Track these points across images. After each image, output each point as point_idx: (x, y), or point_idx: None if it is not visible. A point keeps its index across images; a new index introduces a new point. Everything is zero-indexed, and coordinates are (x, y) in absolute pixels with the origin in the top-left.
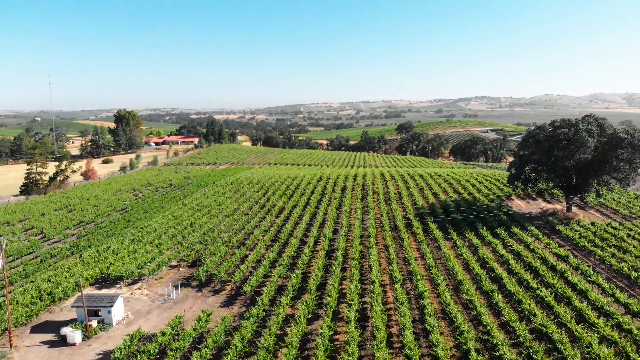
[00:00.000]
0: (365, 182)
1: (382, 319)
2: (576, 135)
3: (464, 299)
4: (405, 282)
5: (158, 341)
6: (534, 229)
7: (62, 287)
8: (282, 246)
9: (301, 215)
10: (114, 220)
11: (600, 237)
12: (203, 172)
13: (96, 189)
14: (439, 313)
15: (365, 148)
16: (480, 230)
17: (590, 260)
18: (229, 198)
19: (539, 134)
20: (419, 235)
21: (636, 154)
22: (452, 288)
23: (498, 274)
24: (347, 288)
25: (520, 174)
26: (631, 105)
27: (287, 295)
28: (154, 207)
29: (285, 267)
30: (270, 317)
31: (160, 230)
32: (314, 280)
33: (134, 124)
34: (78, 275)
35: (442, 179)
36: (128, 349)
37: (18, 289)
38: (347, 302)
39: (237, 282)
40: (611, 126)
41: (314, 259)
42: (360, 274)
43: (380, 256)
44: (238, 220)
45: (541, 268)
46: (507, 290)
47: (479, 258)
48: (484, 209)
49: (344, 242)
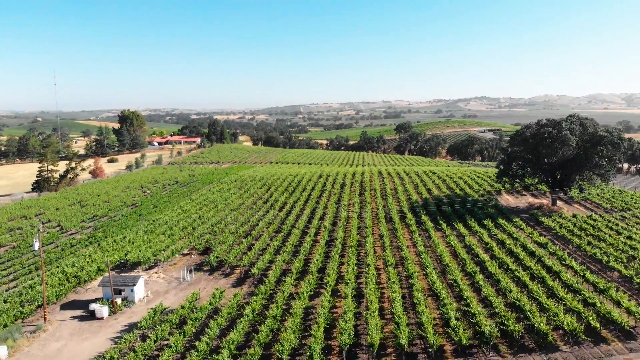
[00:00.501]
0: (363, 179)
1: (376, 294)
2: (559, 133)
3: (449, 279)
4: (398, 266)
5: (178, 313)
6: (518, 221)
7: (86, 271)
8: (285, 236)
9: (302, 209)
10: (126, 214)
11: (579, 227)
12: (207, 170)
13: (105, 186)
14: (427, 291)
15: (364, 148)
16: (469, 222)
17: (568, 247)
18: (234, 194)
19: (526, 133)
20: (412, 226)
21: (615, 151)
22: (440, 271)
23: (481, 259)
24: (345, 271)
25: (508, 170)
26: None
27: (291, 276)
28: (162, 202)
29: (289, 254)
30: (277, 294)
31: (171, 222)
32: (315, 264)
33: (138, 124)
34: (99, 261)
35: (436, 176)
36: (152, 320)
37: (46, 273)
38: (345, 282)
39: (245, 267)
40: (593, 125)
41: (315, 247)
42: (357, 259)
43: (376, 244)
44: (243, 214)
45: (521, 253)
46: (489, 272)
47: (465, 245)
48: (473, 203)
49: (343, 232)
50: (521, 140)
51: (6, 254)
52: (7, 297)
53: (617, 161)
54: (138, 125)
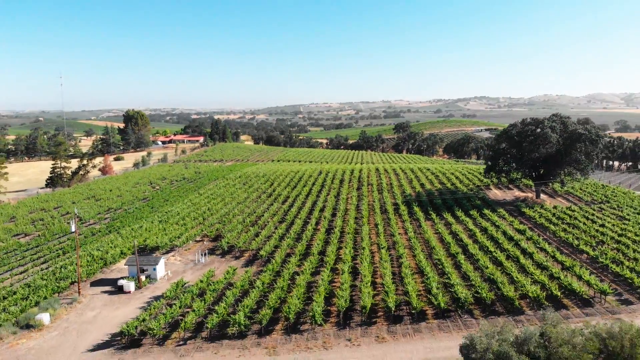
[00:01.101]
0: (361, 175)
1: (369, 271)
2: (541, 131)
3: (435, 258)
4: (390, 249)
5: (197, 286)
6: (502, 211)
7: (110, 254)
8: (288, 225)
9: (304, 202)
10: (139, 207)
11: (557, 217)
12: (212, 167)
13: (115, 182)
14: (414, 269)
15: (363, 147)
16: (457, 212)
17: (545, 234)
18: (239, 189)
19: (512, 131)
20: (404, 216)
21: (593, 147)
22: (427, 253)
23: (465, 243)
24: (342, 253)
25: (495, 166)
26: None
27: (295, 257)
28: (172, 196)
29: (292, 240)
30: (283, 272)
31: (182, 213)
32: (316, 248)
33: (142, 124)
34: (121, 246)
35: (429, 172)
36: (175, 291)
37: (74, 256)
38: (342, 262)
39: (254, 250)
40: (573, 123)
41: (316, 234)
42: (354, 244)
43: (371, 232)
44: (249, 206)
45: (501, 238)
46: (470, 253)
47: (452, 232)
48: (463, 196)
49: (341, 222)
50: (507, 137)
51: (33, 241)
52: (43, 276)
53: (594, 157)
54: (142, 124)
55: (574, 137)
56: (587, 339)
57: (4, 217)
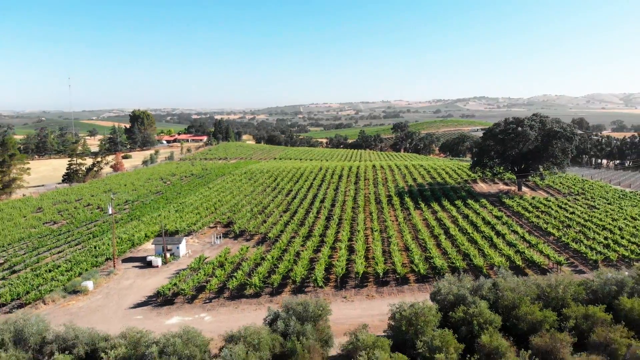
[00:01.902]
0: (358, 171)
1: (363, 247)
2: (521, 129)
3: (420, 238)
4: (382, 232)
5: (217, 259)
6: (485, 201)
7: (136, 237)
8: (292, 214)
9: (306, 195)
10: (154, 199)
11: (533, 206)
12: (217, 165)
13: (128, 177)
14: (402, 247)
15: (362, 146)
16: (443, 202)
17: (520, 220)
18: (245, 183)
19: (495, 129)
20: (396, 205)
21: (569, 144)
22: (413, 235)
23: (447, 226)
24: (340, 235)
25: (480, 161)
26: (628, 105)
27: (299, 239)
28: (184, 190)
29: (296, 225)
30: (289, 249)
31: (195, 204)
32: (317, 231)
33: (148, 123)
34: (144, 230)
35: (422, 169)
36: (198, 264)
37: (104, 239)
38: (340, 241)
39: (262, 234)
40: (551, 122)
41: (317, 221)
42: (350, 228)
43: (366, 219)
44: (255, 198)
45: (479, 222)
46: (450, 234)
47: (437, 218)
48: (451, 189)
49: (339, 210)
50: (491, 135)
51: (63, 227)
52: (80, 254)
53: (569, 153)
54: (148, 124)
55: (551, 134)
56: (528, 287)
57: (31, 207)
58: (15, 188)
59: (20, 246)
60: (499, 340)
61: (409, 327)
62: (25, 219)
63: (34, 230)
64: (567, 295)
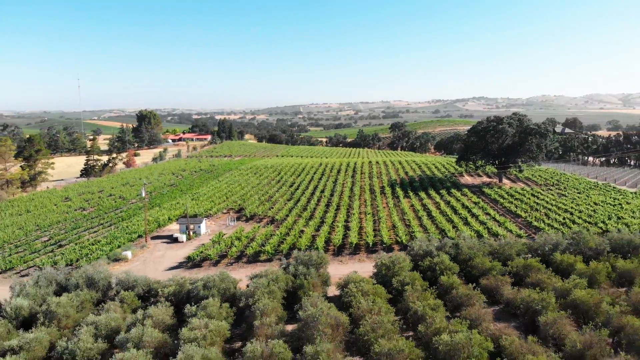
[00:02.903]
0: (355, 166)
1: (357, 226)
2: (500, 127)
3: (405, 219)
4: (374, 215)
5: (234, 235)
6: (467, 191)
7: (161, 219)
8: (295, 201)
9: (307, 186)
10: (169, 190)
11: (509, 194)
12: (223, 161)
13: (141, 173)
14: (390, 226)
15: (360, 144)
16: (430, 192)
17: (496, 206)
18: (252, 177)
19: (478, 127)
20: (388, 194)
21: (543, 139)
22: (400, 217)
23: (430, 210)
24: (338, 218)
25: (465, 156)
26: (626, 105)
27: (302, 220)
28: (196, 183)
29: (299, 210)
30: (294, 228)
31: (208, 194)
32: (318, 215)
33: (155, 123)
34: (167, 214)
35: (414, 164)
36: (218, 238)
37: (134, 220)
38: (337, 222)
39: (270, 217)
40: (529, 120)
41: (317, 207)
42: (347, 212)
43: (361, 205)
44: (262, 189)
45: (458, 207)
46: (432, 216)
47: (423, 205)
48: (438, 180)
49: (338, 199)
50: (474, 132)
51: (93, 213)
52: (114, 232)
53: (544, 148)
54: (155, 123)
55: (527, 131)
56: (482, 245)
57: (59, 197)
58: (41, 181)
59: (59, 227)
60: (454, 279)
61: (387, 271)
62: (57, 207)
63: (67, 215)
64: (513, 251)
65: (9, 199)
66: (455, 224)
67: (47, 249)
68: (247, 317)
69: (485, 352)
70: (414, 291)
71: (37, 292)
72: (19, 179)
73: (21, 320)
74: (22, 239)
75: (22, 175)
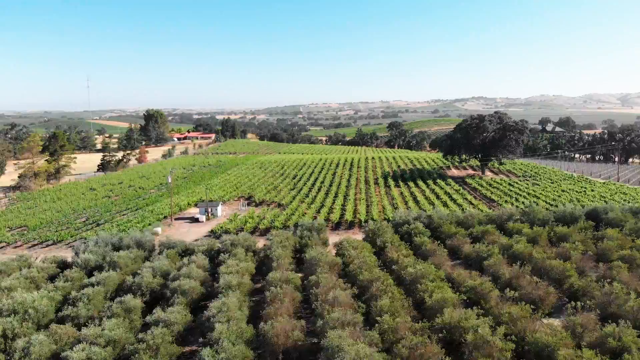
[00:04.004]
0: (353, 161)
1: (352, 208)
2: (481, 124)
3: (394, 203)
4: (367, 201)
5: (247, 215)
6: (451, 181)
7: (182, 204)
8: (298, 190)
9: (308, 178)
10: (183, 182)
11: (488, 184)
12: (229, 158)
13: (153, 167)
14: (380, 209)
15: (359, 143)
16: (418, 182)
17: (475, 193)
18: (257, 171)
19: (463, 124)
20: (380, 184)
21: (520, 135)
22: (390, 202)
23: (416, 196)
24: (335, 203)
25: (451, 150)
26: (624, 105)
27: (304, 204)
28: (206, 176)
29: (302, 197)
30: (297, 210)
31: (220, 184)
32: (318, 201)
33: (162, 122)
34: (186, 200)
35: (407, 158)
36: (234, 218)
37: (157, 204)
38: (335, 205)
39: (276, 202)
40: (509, 118)
41: (318, 195)
42: (343, 199)
43: (356, 194)
44: (267, 181)
45: (441, 194)
46: (417, 200)
47: (410, 192)
48: (427, 173)
49: (336, 188)
50: (459, 129)
51: (119, 200)
52: (143, 214)
53: (521, 143)
54: (162, 122)
55: (506, 128)
56: (451, 217)
57: (84, 188)
58: (64, 174)
59: (93, 211)
60: (425, 238)
61: (373, 235)
62: (85, 195)
63: (96, 202)
64: (475, 221)
65: (38, 189)
66: (436, 206)
67: (87, 227)
68: (266, 264)
69: (439, 278)
70: (393, 247)
71: (97, 250)
72: (45, 172)
73: (89, 270)
74: (63, 220)
75: (48, 169)
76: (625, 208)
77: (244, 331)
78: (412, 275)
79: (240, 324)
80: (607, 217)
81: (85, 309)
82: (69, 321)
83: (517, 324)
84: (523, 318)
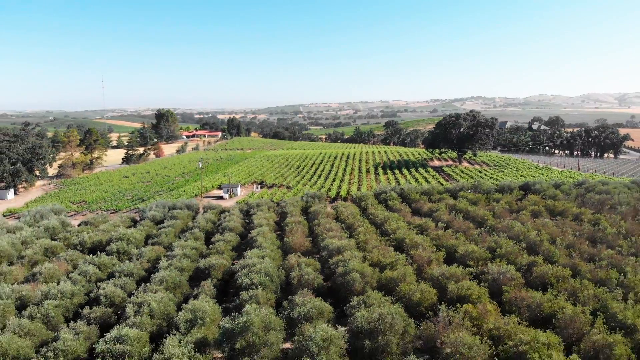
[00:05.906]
0: (349, 155)
1: (346, 188)
2: (457, 121)
3: (380, 182)
4: (359, 183)
5: (262, 193)
6: (431, 170)
7: (207, 187)
8: (301, 177)
9: (310, 168)
10: (202, 172)
11: (462, 171)
12: (237, 153)
13: (172, 161)
14: (369, 188)
15: (357, 141)
16: (403, 170)
17: (449, 179)
18: (265, 163)
19: (442, 122)
20: (371, 172)
21: (490, 131)
22: (377, 184)
23: (399, 180)
24: (333, 185)
25: (432, 144)
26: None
27: (307, 187)
28: (221, 167)
29: (305, 181)
30: (301, 191)
31: (234, 173)
32: (319, 184)
33: (172, 120)
34: (209, 184)
35: (396, 152)
36: (252, 195)
37: (184, 188)
38: (332, 187)
39: (284, 185)
40: (482, 116)
41: (319, 180)
42: (340, 183)
43: (350, 179)
44: (275, 170)
45: (419, 178)
46: (399, 182)
47: (395, 178)
48: (411, 163)
49: (333, 175)
50: (439, 126)
51: (153, 184)
52: (177, 193)
53: (491, 137)
54: (172, 120)
55: (478, 124)
56: (418, 188)
57: (119, 175)
58: (97, 165)
59: (134, 192)
60: (396, 201)
61: (359, 199)
62: (121, 181)
63: (134, 185)
64: (435, 191)
65: (77, 177)
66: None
67: (135, 202)
68: (283, 216)
69: (399, 220)
70: (372, 206)
71: (159, 210)
72: (81, 163)
73: (156, 222)
74: (113, 197)
75: (84, 160)
76: (551, 182)
77: (275, 242)
78: (381, 220)
79: (272, 239)
80: (534, 188)
81: (166, 238)
82: (156, 244)
83: (444, 240)
84: (449, 237)
